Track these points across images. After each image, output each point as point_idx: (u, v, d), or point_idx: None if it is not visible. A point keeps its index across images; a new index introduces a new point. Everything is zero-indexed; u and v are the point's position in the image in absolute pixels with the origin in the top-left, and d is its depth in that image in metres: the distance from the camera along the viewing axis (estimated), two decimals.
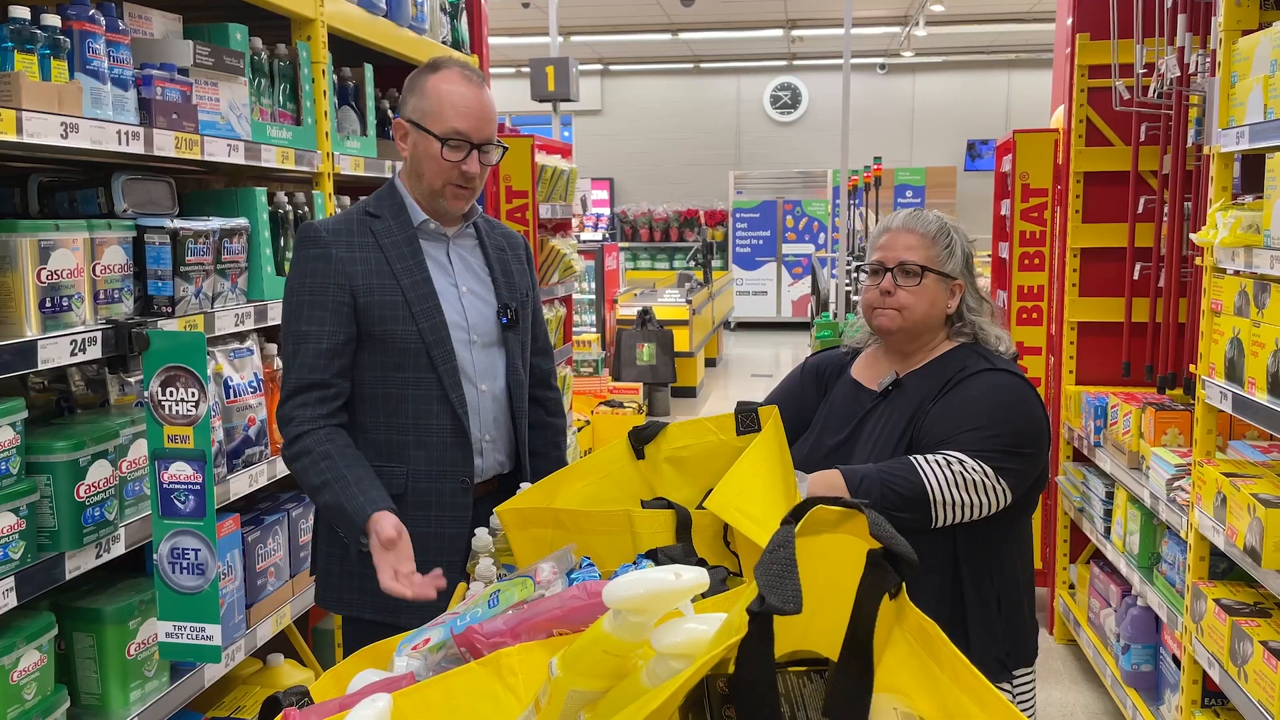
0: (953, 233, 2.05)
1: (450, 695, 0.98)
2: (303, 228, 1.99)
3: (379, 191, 2.08)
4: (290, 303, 1.96)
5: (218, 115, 2.28)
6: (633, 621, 0.83)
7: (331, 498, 1.84)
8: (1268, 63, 2.29)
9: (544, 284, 4.51)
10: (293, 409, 1.91)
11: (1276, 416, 2.16)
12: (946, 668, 0.86)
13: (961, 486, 1.84)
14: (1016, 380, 1.98)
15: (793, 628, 0.87)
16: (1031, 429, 1.93)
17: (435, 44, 3.58)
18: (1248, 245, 2.34)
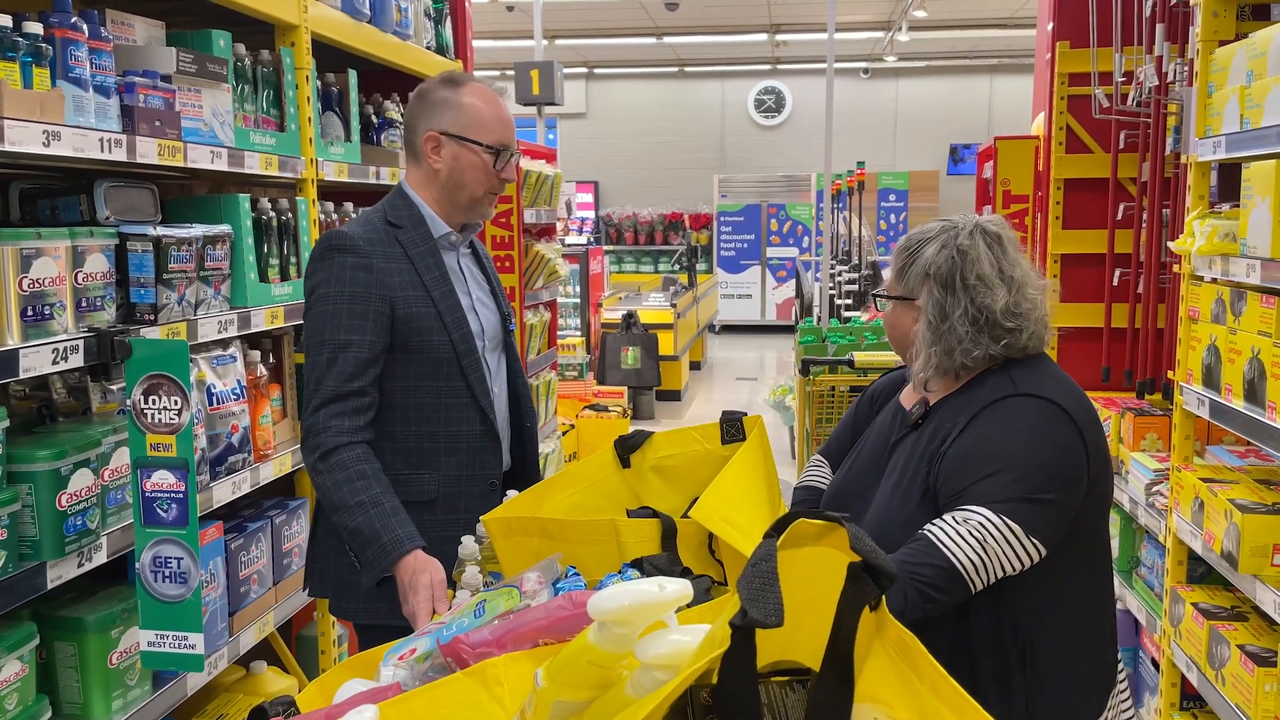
0: (917, 246, 1.82)
1: (436, 705, 0.99)
2: (335, 235, 2.01)
3: (391, 202, 2.10)
4: (327, 309, 1.97)
5: (201, 122, 2.27)
6: (617, 633, 0.83)
7: (365, 521, 1.85)
8: (1244, 73, 2.32)
9: (529, 289, 4.51)
10: (328, 418, 1.93)
11: (1253, 422, 2.19)
12: (925, 679, 0.87)
13: (992, 553, 1.61)
14: (1034, 404, 1.70)
15: (775, 638, 0.88)
16: (1056, 464, 1.67)
17: (419, 49, 3.58)
18: (1224, 254, 2.37)
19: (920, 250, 1.80)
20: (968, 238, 1.78)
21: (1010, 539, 1.62)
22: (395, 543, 1.84)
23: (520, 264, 4.26)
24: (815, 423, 3.93)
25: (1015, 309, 1.76)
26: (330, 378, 1.94)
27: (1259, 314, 2.19)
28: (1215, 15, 2.53)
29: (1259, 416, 2.17)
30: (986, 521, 1.61)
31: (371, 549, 1.85)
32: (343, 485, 1.88)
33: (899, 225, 14.58)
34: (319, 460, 1.92)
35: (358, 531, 1.87)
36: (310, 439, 1.94)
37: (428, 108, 2.07)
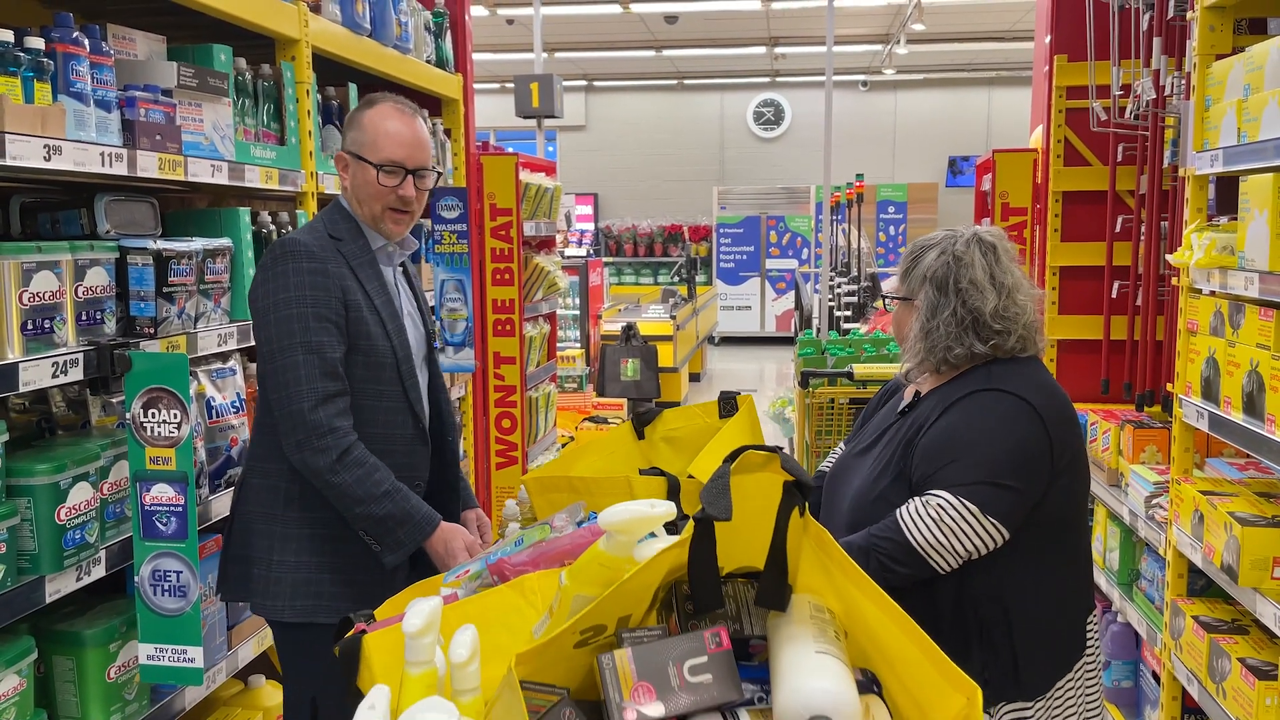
0: (921, 251, 2.02)
1: (485, 608, 1.28)
2: (287, 242, 2.06)
3: (330, 215, 2.17)
4: (291, 314, 2.01)
5: (201, 136, 2.28)
6: (620, 540, 1.14)
7: (395, 506, 2.02)
8: (1241, 87, 2.33)
9: (528, 301, 4.52)
10: (330, 418, 2.00)
11: (1252, 435, 2.19)
12: (837, 563, 1.18)
13: (949, 531, 1.80)
14: (1003, 399, 1.89)
15: (737, 548, 1.19)
16: (1016, 453, 1.85)
17: (419, 63, 3.59)
18: (1222, 266, 2.37)
19: (923, 255, 2.01)
20: (964, 246, 1.98)
21: (968, 518, 1.80)
22: (427, 519, 2.06)
23: (520, 276, 4.26)
24: (815, 435, 3.93)
25: (1004, 313, 1.95)
26: (317, 380, 2.00)
27: (1257, 327, 2.19)
28: (1212, 29, 2.54)
29: (1258, 429, 2.17)
30: (945, 503, 1.81)
31: (405, 528, 2.03)
32: (366, 479, 2.00)
33: (898, 237, 14.60)
34: (338, 460, 1.99)
35: (388, 517, 2.01)
36: (318, 440, 1.98)
37: (346, 127, 2.18)
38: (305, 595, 2.10)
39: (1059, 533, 1.94)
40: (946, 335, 1.96)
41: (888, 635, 1.12)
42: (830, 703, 1.01)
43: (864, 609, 1.15)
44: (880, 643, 1.13)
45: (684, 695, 1.02)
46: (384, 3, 3.23)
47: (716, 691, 1.04)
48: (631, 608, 1.14)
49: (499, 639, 1.18)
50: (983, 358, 1.96)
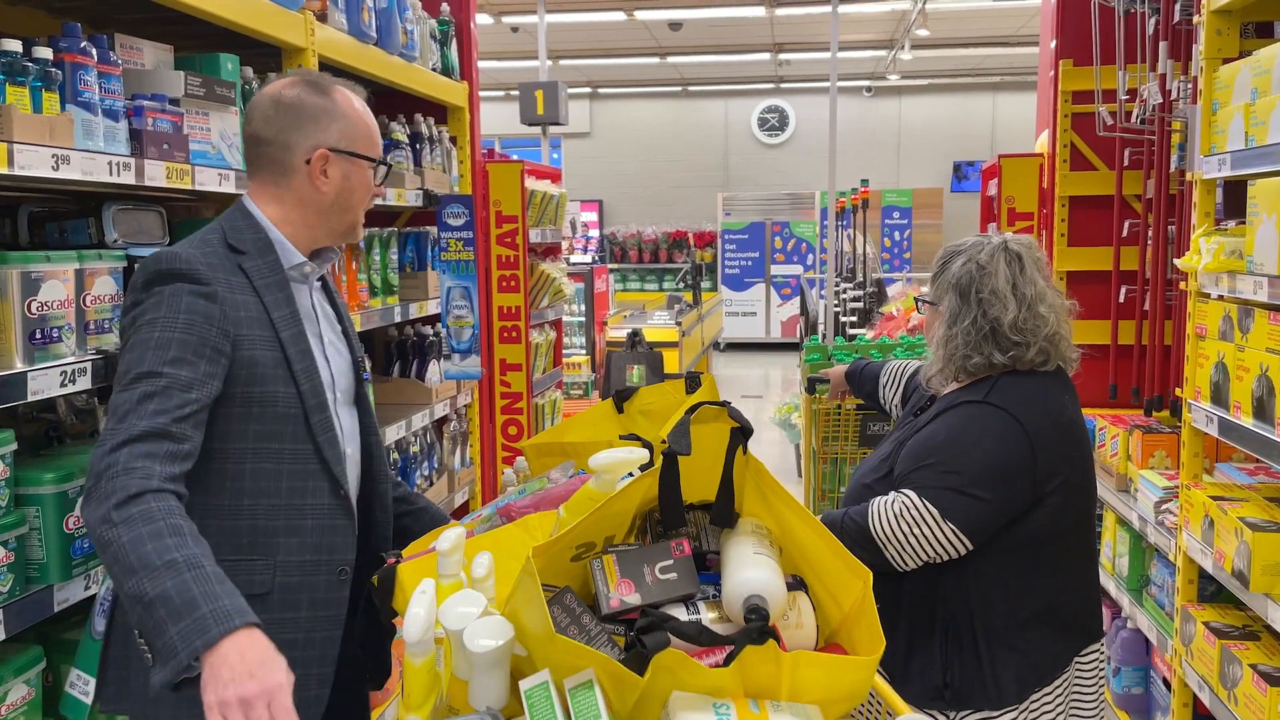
0: (950, 257, 2.04)
1: (498, 541, 1.53)
2: (166, 258, 1.63)
3: (232, 223, 1.74)
4: (151, 338, 1.55)
5: (209, 145, 2.28)
6: (606, 479, 1.46)
7: (177, 586, 1.32)
8: (1248, 90, 2.32)
9: (534, 307, 4.52)
10: (133, 458, 1.43)
11: (1262, 440, 2.18)
12: (769, 489, 1.47)
13: (905, 528, 1.86)
14: (991, 413, 1.91)
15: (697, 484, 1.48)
16: (992, 467, 1.87)
17: (425, 71, 3.60)
18: (1231, 270, 2.36)
19: (950, 261, 2.03)
20: (989, 254, 1.99)
21: (927, 520, 1.85)
22: (220, 615, 1.31)
23: (525, 283, 4.26)
24: (821, 441, 3.92)
25: (1023, 325, 1.95)
26: (142, 415, 1.47)
27: (1267, 331, 2.18)
28: (1219, 33, 2.54)
29: (1268, 434, 2.16)
30: (909, 502, 1.87)
31: (182, 623, 1.30)
32: (147, 540, 1.35)
33: (903, 243, 14.59)
34: (115, 508, 1.38)
35: (163, 600, 1.31)
36: (101, 484, 1.41)
37: (305, 119, 1.74)
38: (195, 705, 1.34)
39: (1042, 550, 1.95)
40: (965, 344, 1.97)
41: (808, 541, 1.45)
42: (762, 587, 1.31)
43: (792, 524, 1.47)
44: (804, 549, 1.46)
45: (655, 588, 1.35)
46: (390, 11, 3.23)
47: (680, 586, 1.36)
48: (614, 529, 1.43)
49: (508, 566, 1.39)
50: (1001, 368, 1.96)
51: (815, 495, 4.02)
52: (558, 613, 1.25)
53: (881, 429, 3.87)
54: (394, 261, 3.39)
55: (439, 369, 3.68)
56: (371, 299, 3.21)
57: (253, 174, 1.79)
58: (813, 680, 1.24)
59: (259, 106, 1.76)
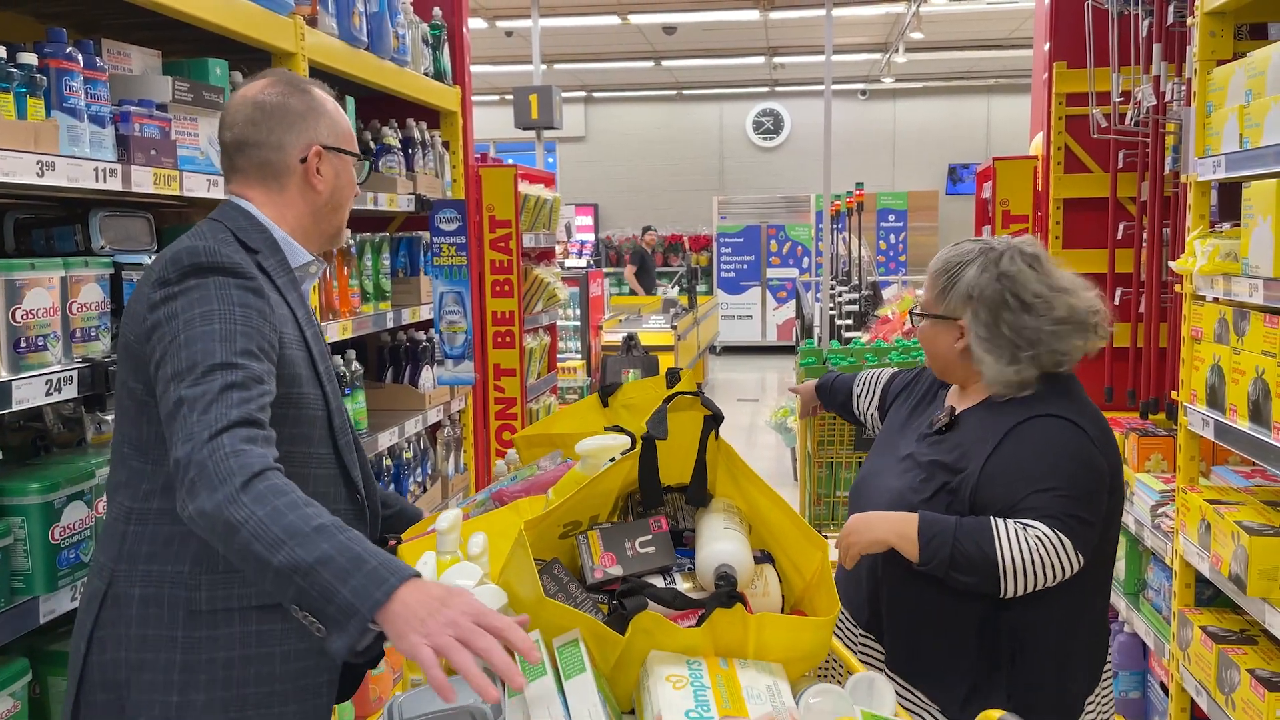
0: (958, 268, 1.94)
1: (491, 523, 1.63)
2: (205, 252, 1.53)
3: (234, 222, 1.65)
4: (212, 329, 1.46)
5: (197, 150, 2.27)
6: (591, 463, 1.57)
7: (336, 547, 1.27)
8: (1242, 92, 2.31)
9: (528, 312, 4.50)
10: (237, 441, 1.36)
11: (1258, 443, 2.17)
12: (741, 472, 1.58)
13: (1040, 560, 1.76)
14: (1070, 428, 1.85)
15: (674, 468, 1.58)
16: (1089, 485, 1.83)
17: (417, 76, 3.58)
18: (1226, 273, 2.35)
19: (961, 272, 1.93)
20: (1010, 261, 1.91)
21: (1062, 553, 1.76)
22: (390, 567, 1.27)
23: (519, 288, 4.25)
24: (817, 444, 3.90)
25: (1055, 328, 1.89)
26: (227, 403, 1.39)
27: (1263, 334, 2.17)
28: (1213, 35, 2.53)
29: (1264, 437, 2.14)
30: (1044, 535, 1.77)
31: (353, 580, 1.25)
32: (286, 511, 1.30)
33: (898, 245, 14.60)
34: (240, 489, 1.30)
35: (325, 562, 1.25)
36: (211, 471, 1.32)
37: (294, 118, 1.69)
38: None
39: (1103, 557, 1.90)
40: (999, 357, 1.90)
41: (774, 517, 1.56)
42: (731, 557, 1.43)
43: (759, 502, 1.57)
44: (770, 524, 1.57)
45: (635, 560, 1.47)
46: (381, 15, 3.22)
47: (658, 558, 1.48)
48: (599, 509, 1.56)
49: (501, 546, 1.49)
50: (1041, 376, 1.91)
51: (811, 499, 4.00)
52: (547, 581, 1.39)
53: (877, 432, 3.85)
54: (386, 267, 3.37)
55: (432, 375, 3.67)
56: (363, 304, 3.19)
57: (238, 180, 1.72)
58: (776, 640, 1.38)
59: (239, 110, 1.70)
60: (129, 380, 1.57)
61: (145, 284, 1.56)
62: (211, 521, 1.32)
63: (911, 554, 1.82)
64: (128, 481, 1.58)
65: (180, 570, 1.54)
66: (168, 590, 1.54)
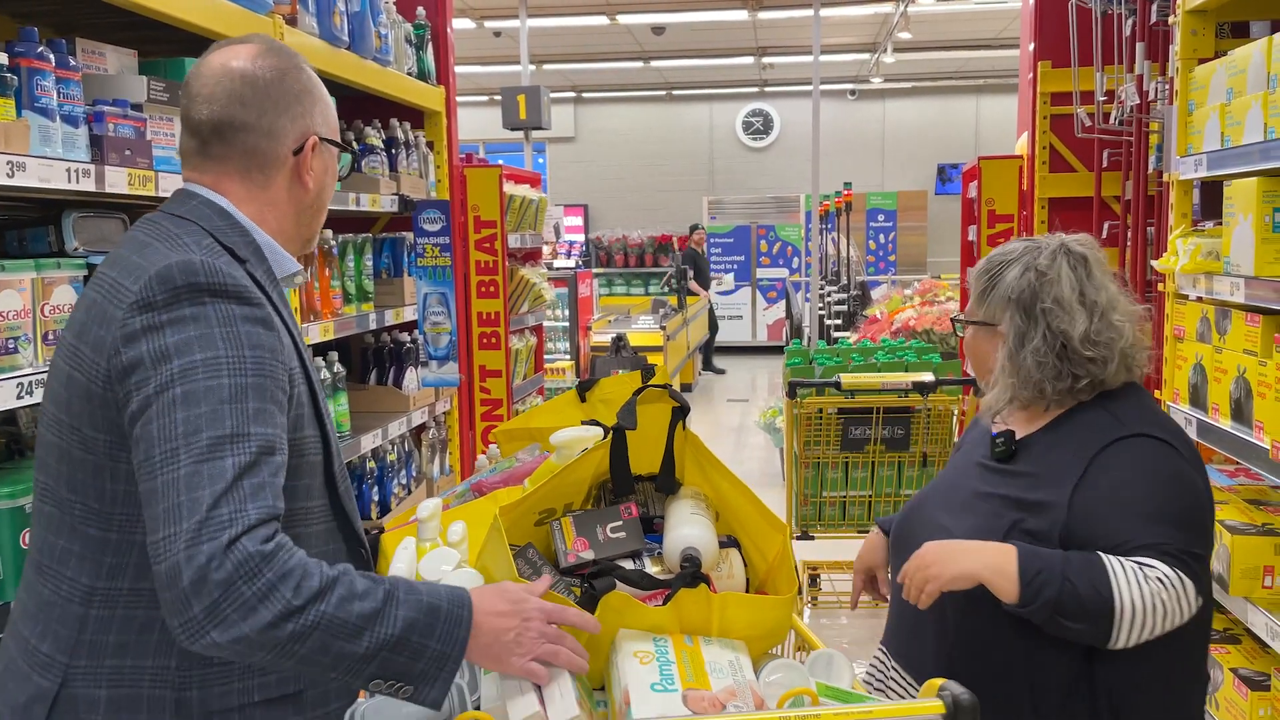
0: (999, 269, 1.74)
1: (469, 512, 1.67)
2: (204, 268, 1.26)
3: (211, 223, 1.37)
4: (219, 384, 1.21)
5: (173, 150, 2.24)
6: (565, 454, 1.61)
7: (410, 608, 1.21)
8: (1224, 90, 2.31)
9: (513, 313, 4.49)
10: (262, 542, 1.15)
11: (1240, 442, 2.17)
12: (706, 462, 1.63)
13: (1163, 606, 1.51)
14: (1164, 449, 1.61)
15: (644, 458, 1.64)
16: (1205, 518, 1.61)
17: (400, 75, 3.57)
18: (1208, 272, 2.35)
19: (1002, 273, 1.74)
20: (1049, 259, 1.71)
21: (1184, 598, 1.51)
22: (454, 599, 1.24)
23: (504, 289, 4.23)
24: (803, 445, 3.89)
25: (1096, 337, 1.66)
26: (247, 496, 1.16)
27: (1244, 332, 2.17)
28: (1194, 34, 2.53)
29: (1246, 436, 2.14)
30: (1166, 577, 1.51)
31: (438, 629, 1.21)
32: (349, 595, 1.18)
33: (888, 245, 14.62)
34: (295, 593, 1.14)
35: (411, 625, 1.20)
36: (251, 582, 1.12)
37: (290, 99, 1.42)
38: None
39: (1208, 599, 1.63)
40: (1039, 367, 1.68)
41: (738, 504, 1.62)
42: (696, 540, 1.49)
43: (725, 489, 1.63)
44: (735, 511, 1.63)
45: (607, 545, 1.52)
46: (363, 15, 3.20)
47: (628, 543, 1.53)
48: (573, 497, 1.61)
49: (479, 534, 1.54)
50: (1086, 391, 1.69)
51: (797, 500, 3.99)
52: (521, 564, 1.45)
53: (864, 433, 3.85)
54: (368, 268, 3.35)
55: (416, 376, 3.65)
56: (345, 306, 3.18)
57: (211, 168, 1.41)
58: (738, 618, 1.43)
59: (223, 83, 1.38)
60: (82, 427, 1.26)
61: (114, 304, 1.25)
62: (256, 644, 1.13)
63: (1008, 593, 1.54)
64: (82, 552, 1.27)
65: (165, 665, 1.26)
66: (147, 690, 1.26)
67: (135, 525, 1.25)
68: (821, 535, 4.03)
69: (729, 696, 1.30)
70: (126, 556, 1.27)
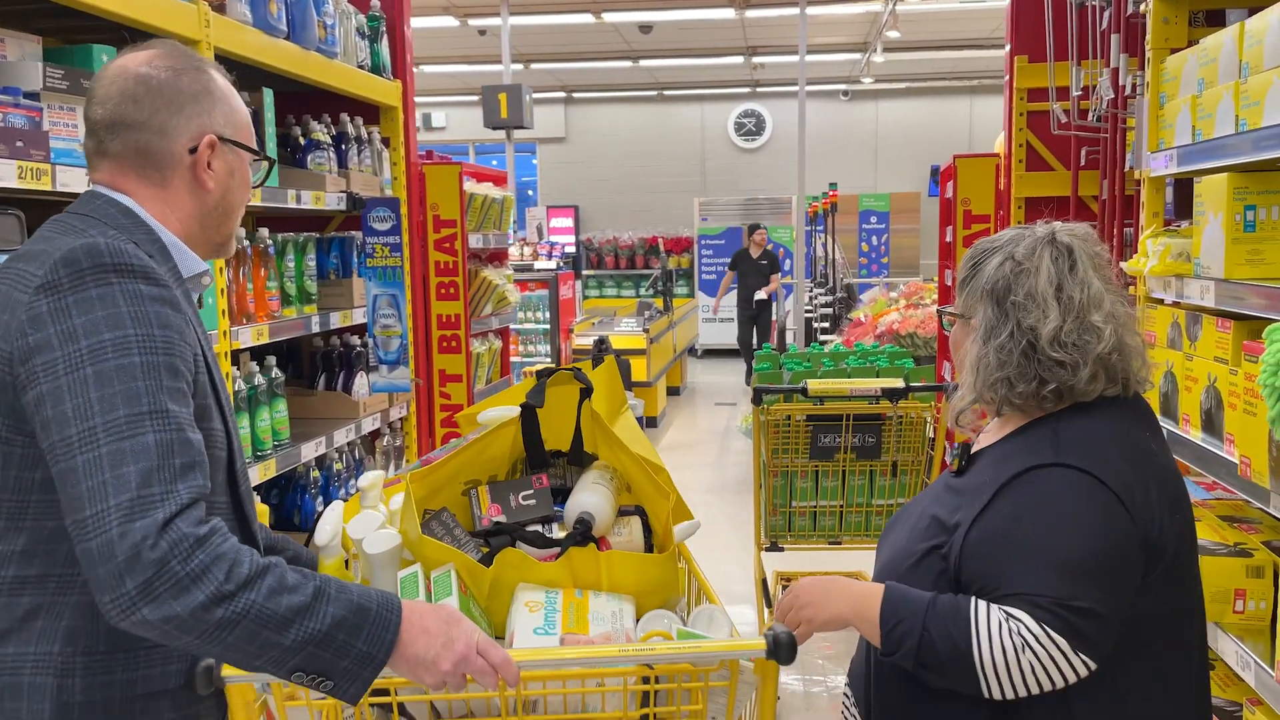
0: (982, 257, 1.59)
1: None
2: (108, 250, 1.27)
3: (115, 220, 1.38)
4: (131, 362, 1.22)
5: (75, 142, 2.11)
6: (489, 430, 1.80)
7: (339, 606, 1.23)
8: (1195, 82, 2.18)
9: (475, 316, 4.35)
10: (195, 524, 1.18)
11: (1209, 456, 2.03)
12: (609, 439, 1.78)
13: (1024, 664, 1.37)
14: (1083, 482, 1.42)
15: (560, 436, 1.85)
16: (1109, 564, 1.39)
17: (349, 68, 3.43)
18: (1178, 274, 2.21)
19: (985, 261, 1.58)
20: (1029, 249, 1.54)
21: (1055, 657, 1.37)
22: (386, 604, 1.26)
23: (465, 291, 4.09)
24: (771, 453, 3.75)
25: (1066, 338, 1.48)
26: (176, 474, 1.19)
27: (1215, 339, 2.03)
28: (1166, 22, 2.40)
29: (1216, 450, 2.00)
30: (1030, 632, 1.37)
31: (365, 631, 1.23)
32: (280, 585, 1.20)
33: (880, 247, 14.48)
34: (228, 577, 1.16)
35: (339, 623, 1.22)
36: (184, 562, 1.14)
37: (184, 99, 1.41)
38: None
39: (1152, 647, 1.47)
40: (1002, 365, 1.51)
41: (636, 476, 1.75)
42: (590, 506, 1.64)
43: (626, 464, 1.76)
44: (637, 482, 1.76)
45: (518, 511, 1.70)
46: (304, 4, 3.06)
47: (538, 509, 1.71)
48: (495, 470, 1.82)
49: None
50: (1053, 400, 1.50)
51: (767, 510, 3.85)
52: (435, 526, 1.61)
53: (833, 441, 3.71)
54: (311, 268, 3.21)
55: (367, 381, 3.51)
56: (284, 307, 3.03)
57: (107, 167, 1.42)
58: (625, 574, 1.59)
59: (114, 83, 1.41)
60: None
61: (19, 289, 1.26)
62: (185, 625, 1.15)
63: (875, 639, 1.47)
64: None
65: (48, 651, 1.28)
66: (27, 678, 1.27)
67: (25, 512, 1.29)
68: (792, 547, 3.89)
69: (604, 640, 1.47)
70: (12, 544, 1.29)
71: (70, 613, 1.29)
